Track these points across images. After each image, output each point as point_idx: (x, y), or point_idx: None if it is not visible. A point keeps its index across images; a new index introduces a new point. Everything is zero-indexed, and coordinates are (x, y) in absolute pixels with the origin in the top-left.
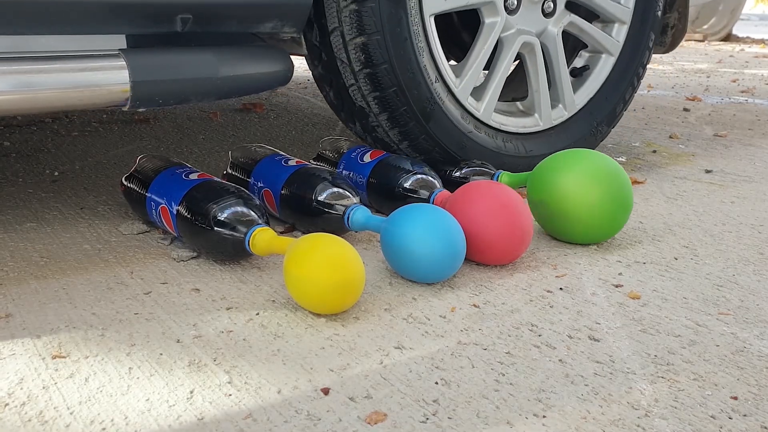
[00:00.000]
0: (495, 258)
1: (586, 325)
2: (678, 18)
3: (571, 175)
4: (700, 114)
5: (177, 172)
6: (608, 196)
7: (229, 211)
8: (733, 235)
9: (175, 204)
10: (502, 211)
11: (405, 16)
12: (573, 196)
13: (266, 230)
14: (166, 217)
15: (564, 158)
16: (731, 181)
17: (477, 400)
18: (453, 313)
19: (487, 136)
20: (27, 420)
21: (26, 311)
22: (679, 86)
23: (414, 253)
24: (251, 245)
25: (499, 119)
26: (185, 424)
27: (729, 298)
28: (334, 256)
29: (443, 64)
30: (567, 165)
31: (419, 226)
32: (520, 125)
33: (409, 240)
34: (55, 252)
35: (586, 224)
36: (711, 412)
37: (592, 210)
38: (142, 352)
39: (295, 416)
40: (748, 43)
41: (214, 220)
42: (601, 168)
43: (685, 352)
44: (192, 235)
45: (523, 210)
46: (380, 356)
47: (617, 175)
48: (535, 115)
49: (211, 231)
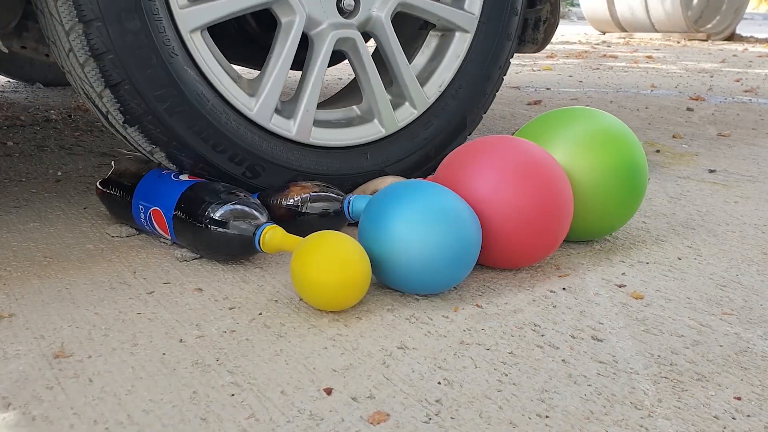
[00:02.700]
0: (515, 264)
1: (589, 325)
2: (550, 11)
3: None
4: (703, 114)
5: (163, 174)
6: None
7: (235, 210)
8: (737, 235)
9: (171, 207)
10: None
11: (151, 35)
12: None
13: (276, 228)
14: (159, 221)
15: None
16: (735, 180)
17: (480, 400)
18: (456, 313)
19: (309, 159)
20: (31, 420)
21: (29, 311)
22: (683, 86)
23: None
24: (261, 243)
25: (323, 135)
26: (188, 424)
27: (732, 298)
28: (342, 254)
29: (227, 88)
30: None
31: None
32: (358, 135)
33: (397, 252)
34: (58, 252)
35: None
36: (714, 413)
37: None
38: (146, 352)
39: (298, 416)
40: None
41: (218, 221)
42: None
43: (689, 352)
44: (194, 236)
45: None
46: (383, 356)
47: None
48: (374, 121)
49: (214, 231)
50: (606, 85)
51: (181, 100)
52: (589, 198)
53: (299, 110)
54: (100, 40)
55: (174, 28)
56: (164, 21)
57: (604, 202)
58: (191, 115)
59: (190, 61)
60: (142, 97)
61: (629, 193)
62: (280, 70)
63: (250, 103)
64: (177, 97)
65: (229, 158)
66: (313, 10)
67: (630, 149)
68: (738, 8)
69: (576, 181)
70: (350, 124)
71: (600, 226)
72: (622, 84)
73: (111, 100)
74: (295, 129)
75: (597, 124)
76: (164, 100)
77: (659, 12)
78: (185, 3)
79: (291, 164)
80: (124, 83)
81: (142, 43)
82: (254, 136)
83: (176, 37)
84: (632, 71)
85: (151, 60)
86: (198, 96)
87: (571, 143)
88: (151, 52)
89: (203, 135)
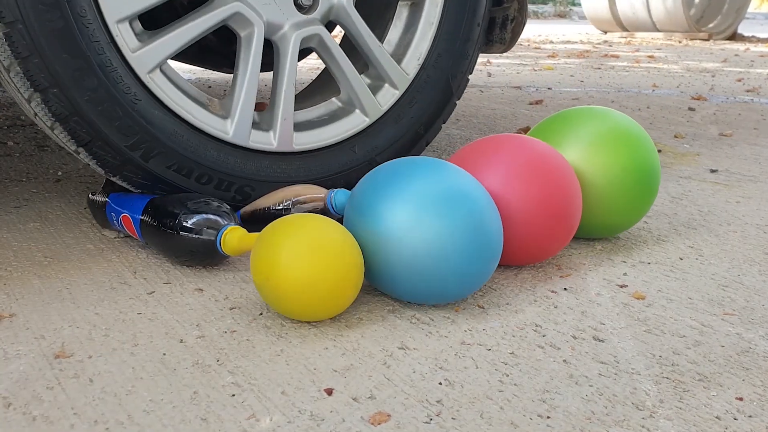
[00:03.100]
0: (522, 260)
1: (590, 326)
2: (518, 9)
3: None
4: (705, 113)
5: None
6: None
7: (197, 215)
8: (739, 235)
9: (138, 212)
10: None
11: (110, 88)
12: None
13: (237, 229)
14: (128, 226)
15: None
16: (736, 180)
17: (481, 400)
18: (457, 314)
19: (296, 166)
20: (32, 420)
21: (30, 311)
22: (684, 85)
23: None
24: (222, 245)
25: (306, 138)
26: (189, 424)
27: (734, 298)
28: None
29: (199, 118)
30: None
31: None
32: (342, 130)
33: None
34: (59, 252)
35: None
36: (716, 413)
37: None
38: (146, 353)
39: (299, 416)
40: (754, 42)
41: (186, 227)
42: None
43: (690, 352)
44: (161, 242)
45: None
46: (384, 357)
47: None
48: (356, 111)
49: (178, 235)
50: (607, 84)
51: (155, 143)
52: (602, 196)
53: (277, 120)
54: (61, 105)
55: (132, 74)
56: (120, 69)
57: (618, 201)
58: (168, 155)
59: (156, 101)
60: (115, 150)
61: (642, 192)
62: (248, 85)
63: (226, 126)
64: (150, 141)
65: (216, 186)
66: (271, 15)
67: (644, 149)
68: (740, 8)
69: (589, 180)
70: (333, 119)
71: (612, 224)
72: (623, 84)
73: (87, 156)
74: (276, 141)
75: (611, 123)
76: (138, 147)
77: (661, 11)
78: (137, 45)
79: (279, 177)
80: (95, 141)
81: (102, 98)
82: (236, 159)
83: (136, 82)
84: (634, 71)
85: (116, 113)
86: (171, 135)
87: (585, 142)
88: (115, 104)
89: (184, 171)
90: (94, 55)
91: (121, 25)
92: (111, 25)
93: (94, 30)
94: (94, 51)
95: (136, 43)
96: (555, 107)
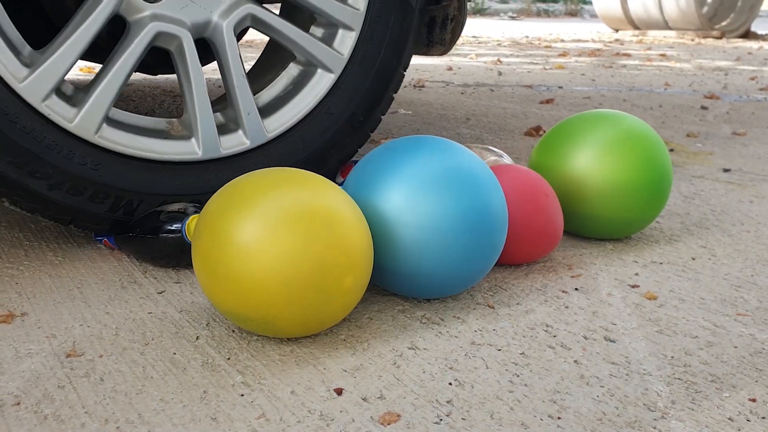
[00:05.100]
0: (519, 258)
1: (601, 326)
2: (458, 7)
3: None
4: (718, 112)
5: None
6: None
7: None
8: (752, 234)
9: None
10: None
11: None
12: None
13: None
14: None
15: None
16: (750, 180)
17: (491, 401)
18: (467, 314)
19: None
20: (43, 418)
21: (41, 310)
22: (697, 84)
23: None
24: (188, 234)
25: (278, 121)
26: (199, 423)
27: (747, 298)
28: None
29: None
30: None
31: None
32: (311, 96)
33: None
34: (70, 251)
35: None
36: (728, 414)
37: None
38: (156, 352)
39: (308, 416)
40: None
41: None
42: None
43: (703, 353)
44: (135, 247)
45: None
46: (393, 357)
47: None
48: (318, 70)
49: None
50: (619, 83)
51: (131, 197)
52: (615, 198)
53: (241, 118)
54: None
55: (81, 141)
56: (65, 141)
57: (630, 203)
58: (148, 202)
59: (113, 155)
60: (103, 220)
61: (654, 195)
62: (199, 99)
63: (193, 147)
64: (126, 198)
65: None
66: (194, 16)
67: (657, 152)
68: (753, 6)
69: (603, 182)
70: (298, 87)
71: (623, 225)
72: (635, 82)
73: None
74: (249, 138)
75: (625, 126)
76: (119, 207)
77: (673, 9)
78: (24, 76)
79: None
80: (76, 221)
81: (62, 178)
82: (215, 174)
83: (85, 144)
84: (646, 69)
85: (86, 189)
86: (141, 181)
87: (599, 145)
88: (84, 183)
89: (170, 209)
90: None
91: (50, 101)
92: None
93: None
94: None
95: (24, 73)
96: (566, 106)
